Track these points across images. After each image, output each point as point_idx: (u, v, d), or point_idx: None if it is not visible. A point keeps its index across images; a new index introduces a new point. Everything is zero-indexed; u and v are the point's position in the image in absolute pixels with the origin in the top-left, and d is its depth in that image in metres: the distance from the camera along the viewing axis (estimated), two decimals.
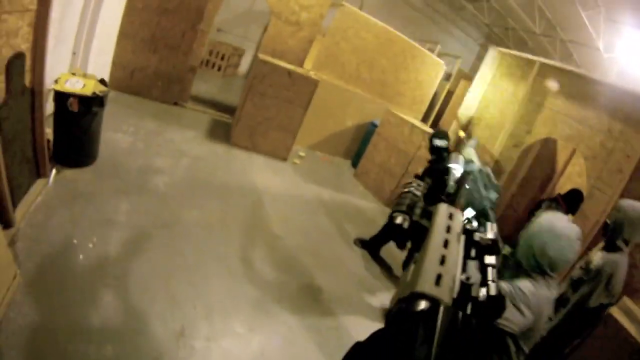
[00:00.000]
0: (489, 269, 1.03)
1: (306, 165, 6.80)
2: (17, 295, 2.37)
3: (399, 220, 3.42)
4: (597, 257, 2.86)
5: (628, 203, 2.83)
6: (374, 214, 6.16)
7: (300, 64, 6.94)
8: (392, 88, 7.96)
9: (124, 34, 5.71)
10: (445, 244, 1.05)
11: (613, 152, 4.31)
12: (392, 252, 4.80)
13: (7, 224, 2.67)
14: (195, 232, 3.74)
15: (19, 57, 2.54)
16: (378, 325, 1.40)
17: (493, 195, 2.06)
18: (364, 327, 3.26)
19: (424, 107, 8.59)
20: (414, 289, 0.90)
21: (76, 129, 3.64)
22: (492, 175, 2.42)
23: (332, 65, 7.25)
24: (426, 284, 0.90)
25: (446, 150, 3.93)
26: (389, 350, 0.98)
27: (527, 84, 5.33)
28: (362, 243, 4.79)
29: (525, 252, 1.87)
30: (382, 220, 5.65)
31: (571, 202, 4.38)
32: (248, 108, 5.83)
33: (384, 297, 4.09)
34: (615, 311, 2.99)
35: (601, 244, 2.99)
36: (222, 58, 10.38)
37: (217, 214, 4.20)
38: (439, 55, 9.40)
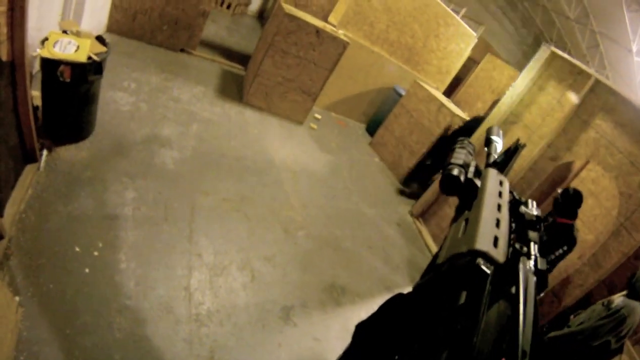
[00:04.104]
0: (532, 244, 0.94)
1: (322, 130, 6.35)
2: (23, 332, 2.00)
3: (455, 172, 3.10)
4: (619, 300, 3.19)
5: None
6: (392, 193, 5.96)
7: (325, 18, 6.09)
8: (419, 55, 7.37)
9: None
10: (499, 208, 1.03)
11: None
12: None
13: None
14: (211, 227, 3.31)
15: None
16: None
17: None
18: None
19: (448, 79, 8.03)
20: (472, 246, 0.85)
21: (69, 100, 3.01)
22: None
23: (360, 23, 6.53)
24: (486, 243, 0.86)
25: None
26: (439, 303, 0.93)
27: (576, 96, 4.89)
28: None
29: None
30: (399, 201, 5.31)
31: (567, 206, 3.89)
32: (267, 66, 5.12)
33: None
34: None
35: (625, 291, 3.30)
36: None
37: (234, 200, 3.74)
38: (462, 18, 8.62)
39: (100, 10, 4.60)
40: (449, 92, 8.68)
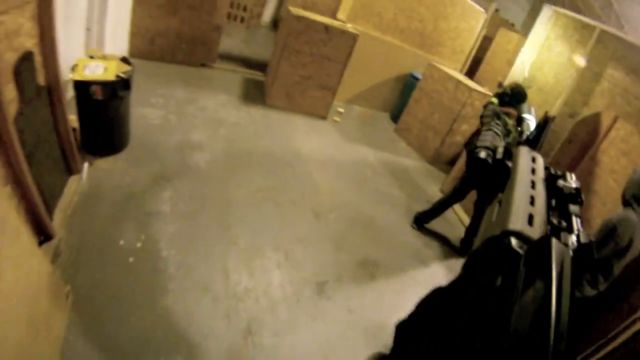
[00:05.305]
0: (574, 218, 0.92)
1: (346, 123, 6.47)
2: (72, 316, 2.22)
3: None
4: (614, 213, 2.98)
5: None
6: (420, 174, 5.96)
7: (333, 15, 6.29)
8: (431, 38, 7.44)
9: (139, 0, 5.16)
10: (532, 185, 1.00)
11: None
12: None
13: (48, 237, 2.47)
14: (245, 215, 3.51)
15: (26, 58, 2.17)
16: None
17: None
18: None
19: (464, 57, 8.03)
20: (505, 227, 0.83)
21: (103, 116, 3.31)
22: None
23: (368, 15, 6.69)
24: (519, 223, 0.83)
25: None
26: (477, 290, 0.91)
27: (584, 51, 4.80)
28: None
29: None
30: (428, 181, 5.33)
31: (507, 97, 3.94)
32: (283, 67, 5.35)
33: (438, 268, 4.02)
34: None
35: None
36: (245, 9, 9.54)
37: (264, 191, 3.94)
38: None
39: (120, 37, 4.95)
40: (471, 73, 8.62)
